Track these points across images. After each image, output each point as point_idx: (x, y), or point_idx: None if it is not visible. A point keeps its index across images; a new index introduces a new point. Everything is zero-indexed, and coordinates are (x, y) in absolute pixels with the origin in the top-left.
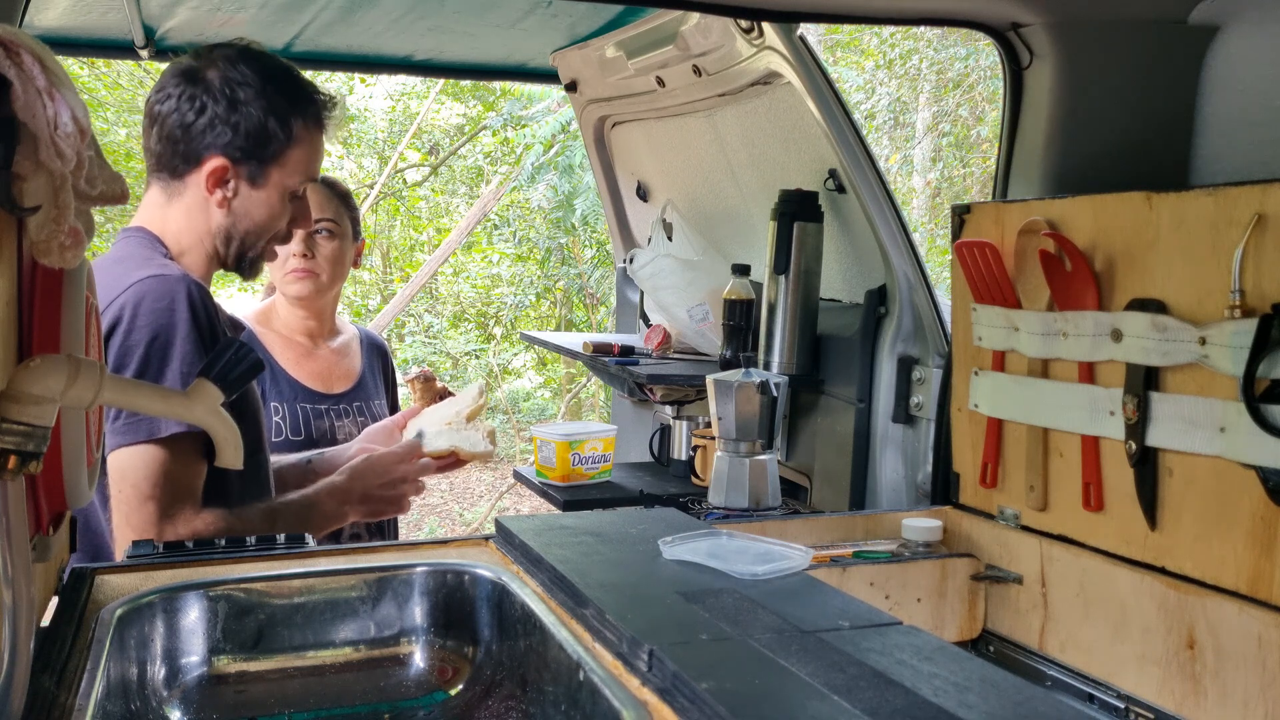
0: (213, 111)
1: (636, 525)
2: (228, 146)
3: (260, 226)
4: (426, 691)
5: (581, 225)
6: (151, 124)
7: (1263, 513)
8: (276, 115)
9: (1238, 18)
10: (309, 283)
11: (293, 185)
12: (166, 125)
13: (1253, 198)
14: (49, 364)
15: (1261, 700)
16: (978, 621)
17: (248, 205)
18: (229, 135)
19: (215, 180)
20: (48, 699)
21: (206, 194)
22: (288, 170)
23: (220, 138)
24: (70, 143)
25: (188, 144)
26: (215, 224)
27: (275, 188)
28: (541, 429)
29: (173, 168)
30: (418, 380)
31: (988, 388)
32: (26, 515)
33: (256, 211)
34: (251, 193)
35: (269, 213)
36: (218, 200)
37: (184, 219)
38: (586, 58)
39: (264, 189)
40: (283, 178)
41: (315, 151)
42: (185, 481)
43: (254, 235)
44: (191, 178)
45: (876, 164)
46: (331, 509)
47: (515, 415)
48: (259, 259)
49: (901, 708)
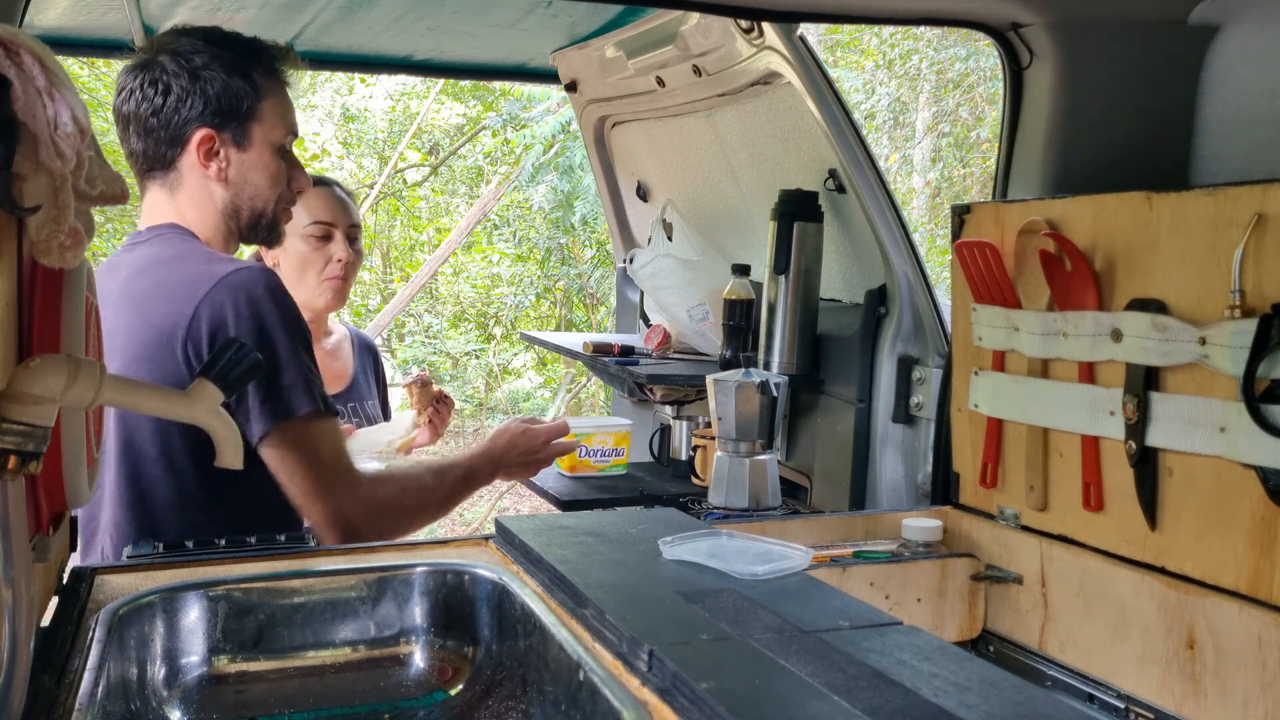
0: (178, 87)
1: (636, 525)
2: (203, 115)
3: (260, 189)
4: (426, 691)
5: (581, 225)
6: (125, 127)
7: (1263, 513)
8: (238, 72)
9: (1238, 18)
10: (344, 289)
11: (277, 139)
12: (139, 119)
13: (1253, 198)
14: (49, 364)
15: (1261, 700)
16: (978, 621)
17: (242, 171)
18: (201, 104)
19: (205, 153)
20: (48, 699)
21: (202, 171)
22: (267, 124)
23: (194, 109)
24: (70, 143)
25: (166, 128)
26: (219, 201)
27: (262, 145)
28: None
29: (161, 158)
30: (414, 384)
31: (988, 388)
32: (26, 515)
33: (253, 175)
34: (242, 157)
35: (265, 173)
36: (214, 175)
37: (193, 209)
38: (586, 58)
39: (252, 149)
40: (265, 133)
41: (285, 102)
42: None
43: (258, 200)
44: (183, 161)
45: (876, 164)
46: (485, 475)
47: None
48: (275, 223)
49: (901, 708)
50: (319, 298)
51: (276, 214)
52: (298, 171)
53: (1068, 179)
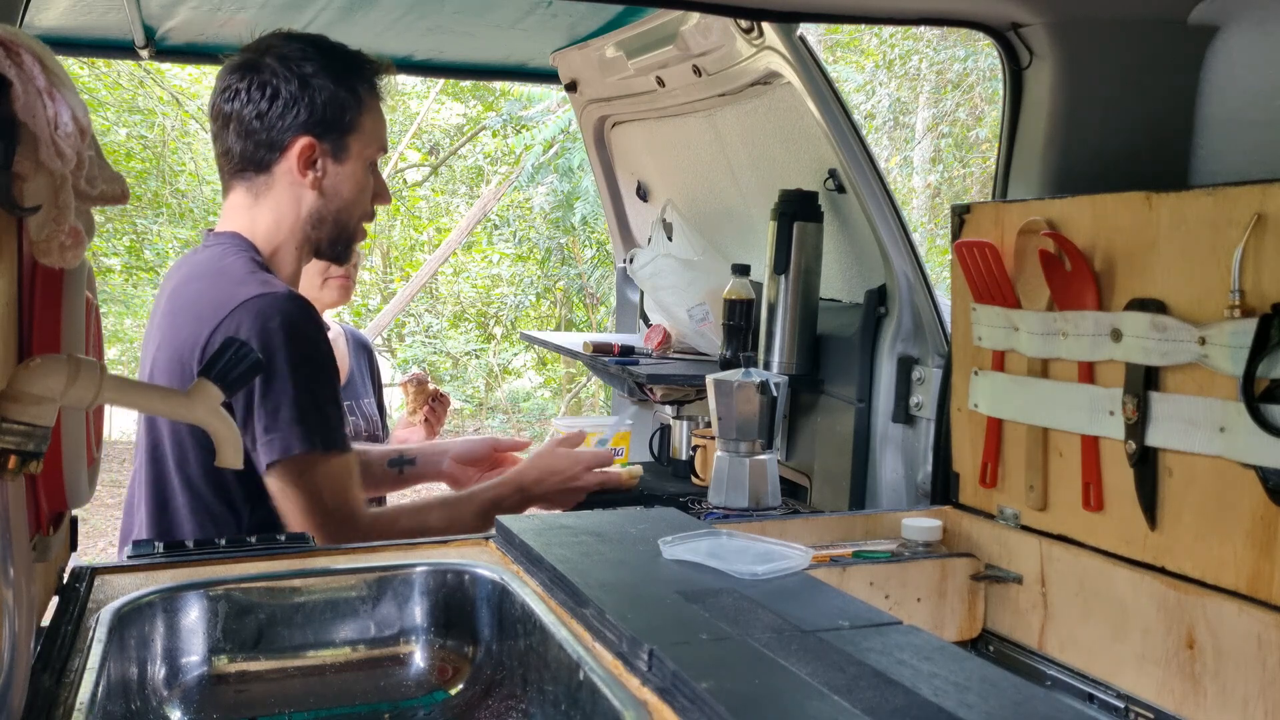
0: (286, 93)
1: (636, 525)
2: (308, 124)
3: (349, 203)
4: (426, 691)
5: (581, 225)
6: (224, 125)
7: (1262, 513)
8: (344, 84)
9: (1237, 18)
10: (349, 286)
11: (371, 154)
12: (242, 120)
13: (1253, 198)
14: (49, 364)
15: (1261, 700)
16: (977, 621)
17: (336, 182)
18: (307, 113)
19: (304, 161)
20: (48, 699)
21: (299, 179)
22: (365, 138)
23: (299, 117)
24: (70, 143)
25: (268, 132)
26: (307, 209)
27: (358, 159)
28: (561, 420)
29: (258, 161)
30: (410, 384)
31: (987, 387)
32: (26, 515)
33: (345, 187)
34: (338, 169)
35: (356, 186)
36: (310, 183)
37: (272, 215)
38: (586, 58)
39: (348, 162)
40: (362, 147)
41: (381, 118)
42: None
43: (344, 214)
44: (279, 166)
45: (876, 164)
46: (512, 506)
47: (515, 415)
48: (351, 239)
49: (901, 707)
50: (326, 295)
51: (355, 228)
52: (381, 187)
53: (1067, 179)
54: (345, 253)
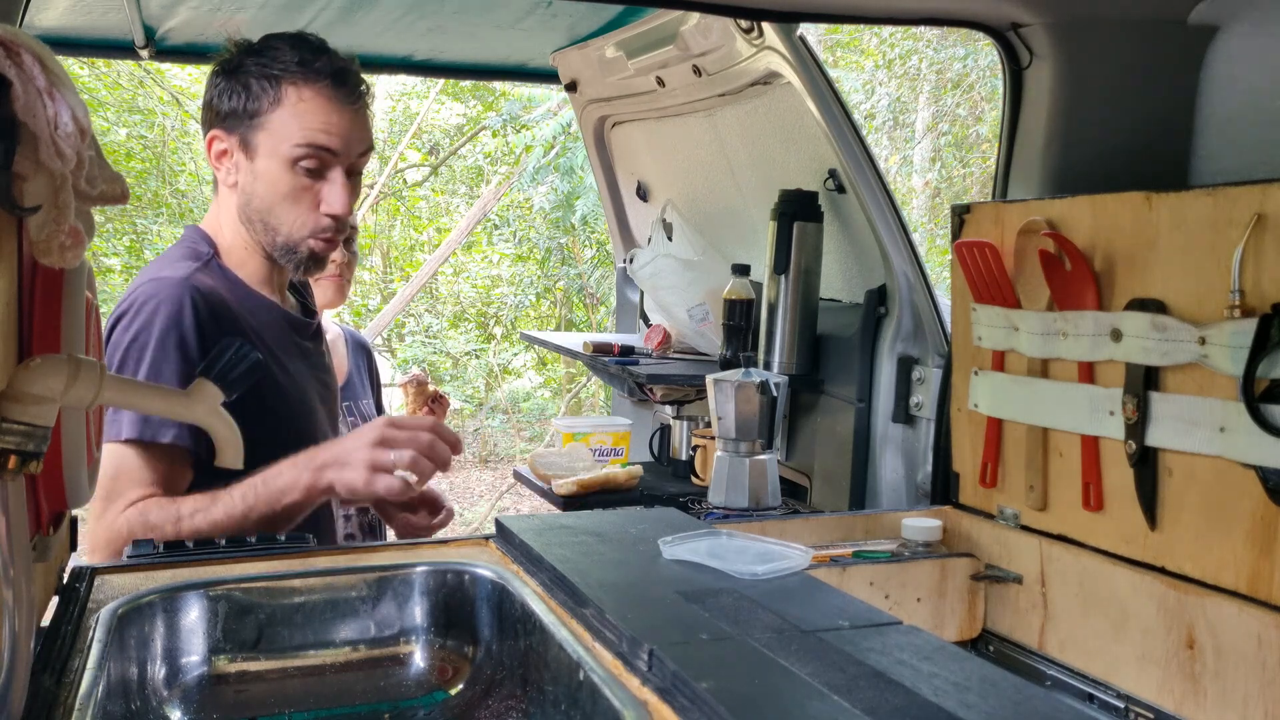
0: (215, 86)
1: (636, 525)
2: (216, 117)
3: (270, 205)
4: (426, 691)
5: (581, 225)
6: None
7: (1262, 513)
8: (265, 76)
9: (1237, 18)
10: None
11: (287, 152)
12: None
13: (1253, 198)
14: (49, 364)
15: (1261, 700)
16: (977, 621)
17: (249, 180)
18: (219, 105)
19: (215, 156)
20: (48, 699)
21: (220, 175)
22: (279, 135)
23: (214, 109)
24: (70, 143)
25: (205, 127)
26: (237, 207)
27: (270, 156)
28: (560, 420)
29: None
30: (410, 384)
31: (987, 387)
32: (26, 515)
33: (259, 186)
34: (249, 165)
35: (269, 185)
36: (230, 182)
37: (224, 214)
38: (586, 58)
39: (258, 159)
40: (275, 144)
41: (311, 115)
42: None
43: (271, 217)
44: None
45: (876, 164)
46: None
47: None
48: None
49: (901, 707)
50: (320, 295)
51: (299, 240)
52: (334, 195)
53: (1067, 179)
54: (305, 265)
